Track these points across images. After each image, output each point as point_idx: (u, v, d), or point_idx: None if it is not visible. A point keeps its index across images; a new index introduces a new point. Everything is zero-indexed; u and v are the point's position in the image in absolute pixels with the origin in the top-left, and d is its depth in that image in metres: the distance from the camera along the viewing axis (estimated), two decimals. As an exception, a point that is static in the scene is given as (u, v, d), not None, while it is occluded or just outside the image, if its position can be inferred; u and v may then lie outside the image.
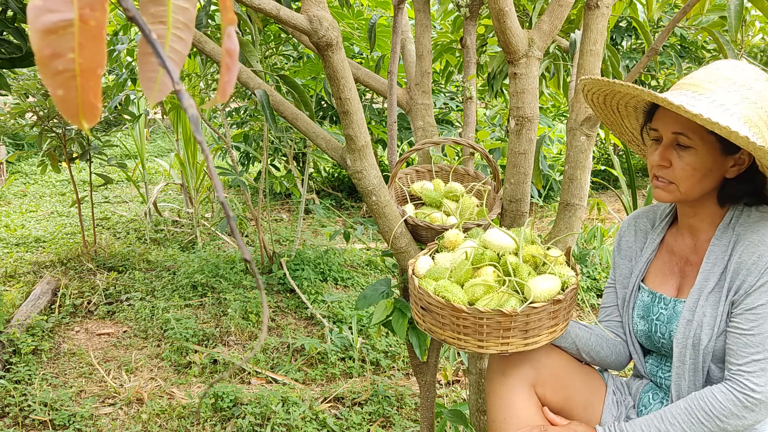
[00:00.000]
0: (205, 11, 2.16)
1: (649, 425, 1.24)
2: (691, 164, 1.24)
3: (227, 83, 0.41)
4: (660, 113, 1.28)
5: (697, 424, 1.20)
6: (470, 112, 2.05)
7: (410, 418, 2.55)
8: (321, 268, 3.93)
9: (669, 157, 1.26)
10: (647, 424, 1.25)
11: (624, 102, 1.37)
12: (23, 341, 2.88)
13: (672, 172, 1.26)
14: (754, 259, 1.21)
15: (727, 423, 1.19)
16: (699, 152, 1.24)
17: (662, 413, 1.25)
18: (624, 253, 1.51)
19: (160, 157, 7.81)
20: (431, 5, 2.06)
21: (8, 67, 1.92)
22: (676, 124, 1.24)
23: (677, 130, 1.24)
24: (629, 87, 1.23)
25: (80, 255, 4.12)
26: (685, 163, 1.25)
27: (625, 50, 4.94)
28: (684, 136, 1.23)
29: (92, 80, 0.37)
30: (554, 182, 5.22)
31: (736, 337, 1.22)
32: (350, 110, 1.52)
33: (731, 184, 1.29)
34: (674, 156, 1.26)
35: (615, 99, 1.37)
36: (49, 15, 0.35)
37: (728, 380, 1.22)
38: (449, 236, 1.46)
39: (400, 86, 2.04)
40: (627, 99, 1.35)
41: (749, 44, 3.98)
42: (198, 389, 2.71)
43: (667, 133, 1.26)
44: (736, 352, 1.21)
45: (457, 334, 1.27)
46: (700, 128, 1.22)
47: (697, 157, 1.24)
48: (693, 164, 1.24)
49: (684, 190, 1.27)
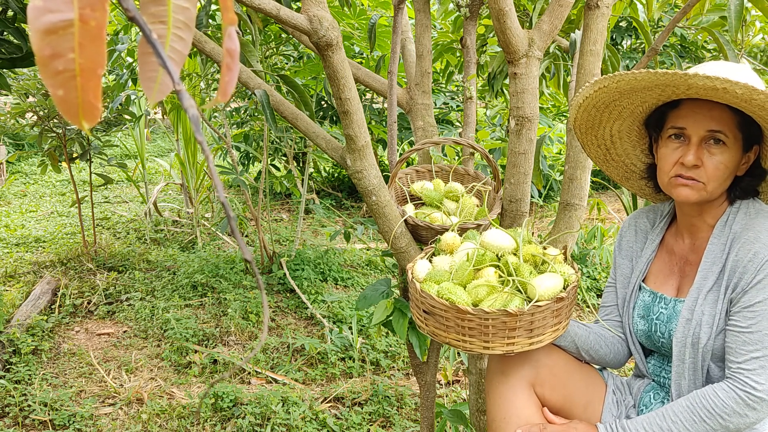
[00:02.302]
0: (205, 11, 2.16)
1: (651, 423, 1.24)
2: (724, 162, 1.23)
3: (228, 83, 0.41)
4: (687, 110, 1.25)
5: (699, 422, 1.20)
6: (470, 112, 2.05)
7: (410, 418, 2.55)
8: (321, 268, 3.93)
9: (701, 157, 1.24)
10: (649, 422, 1.24)
11: (633, 104, 1.33)
12: (23, 341, 2.88)
13: (702, 171, 1.24)
14: (750, 256, 1.21)
15: (729, 421, 1.19)
16: (730, 149, 1.23)
17: (664, 411, 1.24)
18: (625, 253, 1.51)
19: (160, 157, 7.81)
20: (431, 5, 2.06)
21: (8, 67, 1.92)
22: (710, 122, 1.21)
23: (713, 128, 1.22)
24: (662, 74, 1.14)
25: (80, 255, 4.12)
26: (718, 162, 1.22)
27: (625, 50, 4.94)
28: (721, 133, 1.21)
29: (92, 80, 0.37)
30: (554, 182, 5.22)
31: (734, 335, 1.22)
32: (350, 110, 1.52)
33: (744, 181, 1.29)
34: (705, 154, 1.23)
35: (627, 100, 1.32)
36: (49, 15, 0.35)
37: (729, 378, 1.21)
38: (446, 239, 1.46)
39: (400, 86, 2.04)
40: (645, 97, 1.29)
41: (749, 44, 3.98)
42: (198, 389, 2.71)
43: (700, 131, 1.23)
44: (735, 350, 1.21)
45: (462, 336, 1.26)
46: (734, 125, 1.21)
47: (728, 155, 1.23)
48: (725, 162, 1.23)
49: (711, 189, 1.25)
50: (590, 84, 1.28)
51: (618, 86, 1.25)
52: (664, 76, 1.15)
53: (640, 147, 1.45)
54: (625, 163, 1.49)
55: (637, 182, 1.52)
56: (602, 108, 1.36)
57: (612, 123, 1.40)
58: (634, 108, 1.35)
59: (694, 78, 1.12)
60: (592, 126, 1.42)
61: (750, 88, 1.09)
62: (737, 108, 1.21)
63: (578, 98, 1.34)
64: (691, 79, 1.12)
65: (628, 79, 1.21)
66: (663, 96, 1.27)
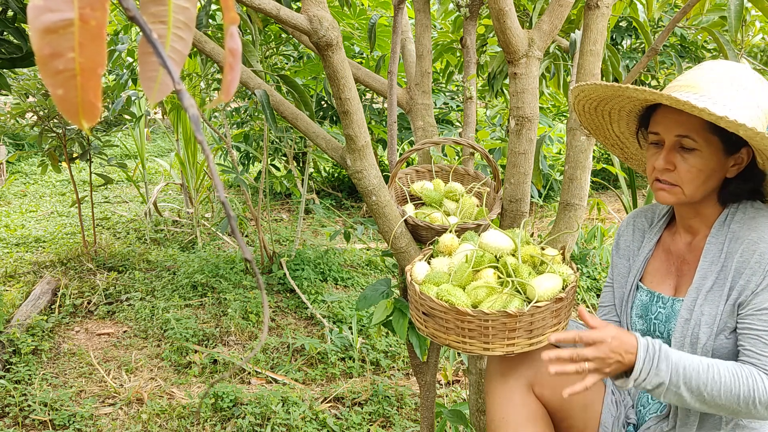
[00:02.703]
0: (205, 11, 2.16)
1: (693, 364, 1.17)
2: (696, 166, 1.23)
3: (231, 82, 0.41)
4: (660, 116, 1.27)
5: (735, 396, 1.15)
6: (470, 112, 2.05)
7: (410, 418, 2.54)
8: (321, 268, 3.93)
9: (673, 161, 1.25)
10: (691, 364, 1.17)
11: (618, 107, 1.36)
12: (23, 341, 2.88)
13: (676, 175, 1.25)
14: (756, 257, 1.21)
15: (755, 410, 1.15)
16: (703, 154, 1.23)
17: (710, 363, 1.17)
18: (622, 253, 1.51)
19: (160, 157, 7.80)
20: (431, 5, 2.06)
21: (8, 67, 1.92)
22: (679, 127, 1.23)
23: (681, 133, 1.23)
24: (629, 89, 1.21)
25: (80, 255, 4.12)
26: (690, 166, 1.23)
27: (625, 50, 4.94)
28: (689, 138, 1.22)
29: (92, 80, 0.37)
30: (554, 182, 5.21)
31: (752, 339, 1.19)
32: (350, 110, 1.52)
33: (733, 184, 1.29)
34: (678, 159, 1.25)
35: (609, 105, 1.36)
36: (49, 14, 0.35)
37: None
38: (444, 241, 1.46)
39: (400, 86, 2.04)
40: (623, 103, 1.33)
41: (749, 44, 3.98)
42: (198, 389, 2.71)
43: (670, 136, 1.25)
44: (759, 354, 1.18)
45: (462, 338, 1.26)
46: (703, 129, 1.22)
47: (701, 159, 1.23)
48: (698, 166, 1.23)
49: (689, 193, 1.26)
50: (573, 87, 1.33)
51: (592, 95, 1.32)
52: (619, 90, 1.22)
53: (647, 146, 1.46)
54: (642, 161, 1.51)
55: None
56: (592, 111, 1.40)
57: (612, 125, 1.42)
58: (622, 111, 1.38)
59: (644, 93, 1.18)
60: (599, 127, 1.45)
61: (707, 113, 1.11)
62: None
63: (570, 99, 1.37)
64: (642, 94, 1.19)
65: (593, 89, 1.28)
66: (639, 102, 1.31)
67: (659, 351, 1.18)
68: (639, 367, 1.16)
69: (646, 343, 1.18)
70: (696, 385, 1.15)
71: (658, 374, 1.16)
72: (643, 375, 1.16)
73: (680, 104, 1.14)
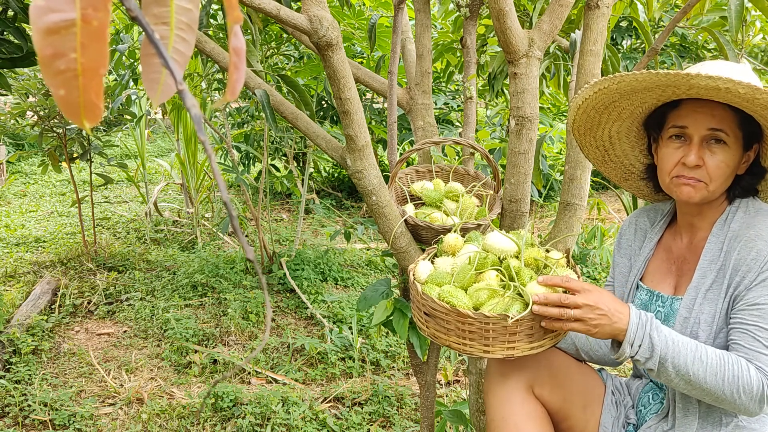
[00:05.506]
0: (205, 11, 2.16)
1: (684, 343, 1.17)
2: (725, 161, 1.23)
3: (236, 81, 0.41)
4: (687, 110, 1.25)
5: (720, 379, 1.15)
6: (470, 112, 2.05)
7: (410, 418, 2.54)
8: (321, 268, 3.93)
9: (702, 156, 1.24)
10: (681, 340, 1.17)
11: (639, 101, 1.32)
12: (23, 341, 2.88)
13: (704, 171, 1.24)
14: (753, 255, 1.21)
15: (740, 400, 1.15)
16: (731, 148, 1.23)
17: (699, 344, 1.18)
18: (624, 252, 1.51)
19: (161, 157, 7.81)
20: (432, 5, 2.06)
21: (9, 67, 1.92)
22: (712, 120, 1.21)
23: (715, 126, 1.22)
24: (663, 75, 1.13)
25: (80, 255, 4.12)
26: (719, 161, 1.23)
27: (625, 50, 4.94)
28: (722, 132, 1.21)
29: (94, 80, 0.37)
30: (554, 182, 5.22)
31: (741, 332, 1.20)
32: (350, 110, 1.52)
33: (744, 179, 1.29)
34: (706, 154, 1.23)
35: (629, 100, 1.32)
36: (51, 15, 0.35)
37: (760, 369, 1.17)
38: (449, 240, 1.45)
39: (401, 86, 2.04)
40: (645, 97, 1.29)
41: (749, 44, 3.97)
42: (198, 389, 2.71)
43: (701, 130, 1.23)
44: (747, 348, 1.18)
45: (462, 340, 1.26)
46: (734, 123, 1.22)
47: (729, 154, 1.23)
48: (726, 161, 1.23)
49: (713, 188, 1.25)
50: (590, 85, 1.28)
51: (618, 87, 1.25)
52: (665, 77, 1.14)
53: (639, 148, 1.45)
54: (624, 164, 1.49)
55: (635, 183, 1.52)
56: (601, 109, 1.36)
57: (611, 124, 1.40)
58: (634, 109, 1.35)
59: (696, 78, 1.11)
60: (590, 127, 1.42)
61: (753, 88, 1.09)
62: (737, 107, 1.21)
63: (577, 100, 1.34)
64: (693, 79, 1.12)
65: (629, 81, 1.20)
66: (663, 96, 1.27)
67: (651, 320, 1.19)
68: (633, 331, 1.17)
69: (638, 311, 1.20)
70: (684, 362, 1.15)
71: (651, 341, 1.16)
72: (637, 341, 1.17)
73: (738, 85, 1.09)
